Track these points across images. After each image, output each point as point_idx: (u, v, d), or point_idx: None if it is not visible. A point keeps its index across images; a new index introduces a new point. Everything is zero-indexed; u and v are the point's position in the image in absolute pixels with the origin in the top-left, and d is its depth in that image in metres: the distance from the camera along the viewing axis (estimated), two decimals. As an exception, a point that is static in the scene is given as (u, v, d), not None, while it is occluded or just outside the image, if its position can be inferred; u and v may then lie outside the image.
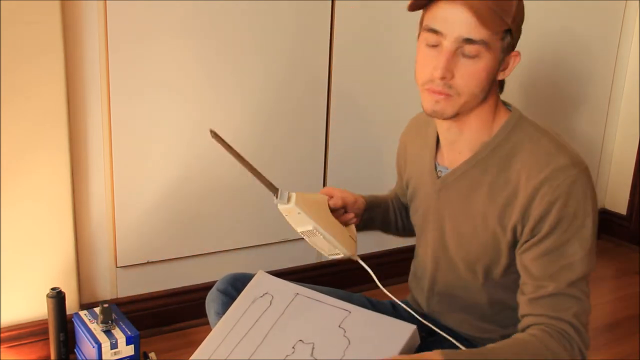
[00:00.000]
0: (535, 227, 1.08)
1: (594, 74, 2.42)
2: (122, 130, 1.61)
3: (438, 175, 1.22)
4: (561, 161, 1.09)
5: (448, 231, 1.22)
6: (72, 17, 1.50)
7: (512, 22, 1.08)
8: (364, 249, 2.06)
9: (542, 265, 1.08)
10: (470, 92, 1.10)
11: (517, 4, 1.09)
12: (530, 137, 1.13)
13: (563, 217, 1.06)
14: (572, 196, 1.07)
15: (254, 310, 1.22)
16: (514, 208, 1.10)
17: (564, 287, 1.08)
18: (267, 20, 1.72)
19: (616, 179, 2.58)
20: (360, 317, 1.17)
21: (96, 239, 1.65)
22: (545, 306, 1.08)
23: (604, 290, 2.20)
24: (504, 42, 1.08)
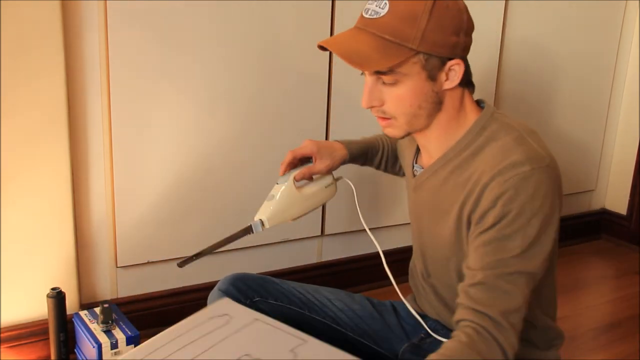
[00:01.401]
0: (480, 219, 1.09)
1: (594, 74, 2.42)
2: (122, 130, 1.61)
3: (414, 174, 1.26)
4: (515, 157, 1.08)
5: (424, 229, 1.26)
6: (72, 17, 1.50)
7: (420, 45, 1.06)
8: (364, 250, 2.07)
9: (479, 255, 1.08)
10: (406, 114, 1.13)
11: (425, 26, 1.06)
12: (495, 135, 1.13)
13: (507, 212, 1.05)
14: (520, 192, 1.05)
15: (207, 325, 1.20)
16: (469, 203, 1.11)
17: (495, 278, 1.06)
18: (268, 20, 1.72)
19: (616, 179, 2.58)
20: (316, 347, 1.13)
21: (96, 239, 1.65)
22: (474, 298, 1.06)
23: (604, 290, 2.20)
24: (424, 63, 1.08)
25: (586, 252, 2.47)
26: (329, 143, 1.37)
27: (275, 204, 1.27)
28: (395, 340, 1.35)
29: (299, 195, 1.30)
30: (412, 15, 1.05)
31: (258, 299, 1.34)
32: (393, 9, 1.06)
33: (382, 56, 1.06)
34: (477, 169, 1.11)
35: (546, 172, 1.08)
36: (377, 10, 1.08)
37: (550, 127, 2.36)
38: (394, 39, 1.06)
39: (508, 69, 2.18)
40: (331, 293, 1.41)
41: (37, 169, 1.51)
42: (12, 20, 1.40)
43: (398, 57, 1.06)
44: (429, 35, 1.06)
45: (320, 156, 1.33)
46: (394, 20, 1.06)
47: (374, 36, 1.07)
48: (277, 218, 1.28)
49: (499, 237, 1.06)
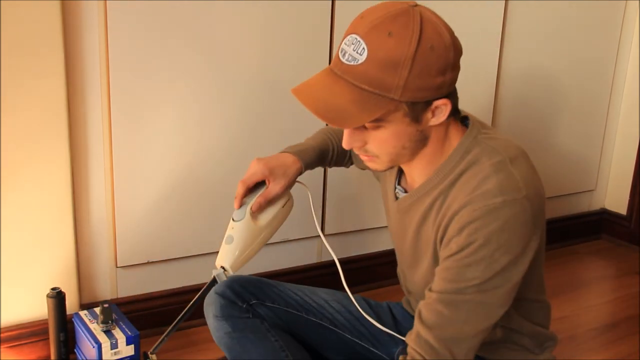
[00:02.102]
0: (446, 245, 1.05)
1: (594, 74, 2.42)
2: (122, 130, 1.61)
3: (396, 196, 1.20)
4: (488, 187, 1.02)
5: (407, 250, 1.22)
6: (72, 17, 1.50)
7: (402, 94, 0.98)
8: (360, 250, 2.07)
9: (439, 280, 1.05)
10: (389, 154, 1.07)
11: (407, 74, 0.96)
12: (476, 158, 1.07)
13: (471, 242, 1.01)
14: (487, 224, 1.00)
15: None
16: (442, 228, 1.08)
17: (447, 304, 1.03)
18: (268, 20, 1.72)
19: (616, 179, 2.58)
20: None
21: (96, 239, 1.65)
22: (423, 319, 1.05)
23: (604, 290, 2.20)
24: (407, 110, 1.00)
25: (586, 252, 2.47)
26: (280, 159, 1.27)
27: (235, 247, 1.20)
28: (391, 343, 1.35)
29: (258, 228, 1.22)
30: (393, 63, 0.96)
31: (255, 302, 1.34)
32: (372, 56, 0.97)
33: (361, 110, 0.98)
34: (454, 196, 1.07)
35: (520, 205, 1.01)
36: (355, 55, 0.99)
37: (550, 127, 2.36)
38: (374, 89, 0.97)
39: (508, 70, 2.18)
40: (328, 294, 1.41)
41: (37, 168, 1.51)
42: (12, 20, 1.40)
43: (379, 110, 0.98)
44: (412, 82, 0.97)
45: (273, 177, 1.25)
46: (373, 69, 0.97)
47: (351, 86, 0.99)
48: (240, 260, 1.21)
49: (459, 265, 1.02)
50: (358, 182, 1.98)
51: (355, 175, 1.97)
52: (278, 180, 1.25)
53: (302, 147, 1.33)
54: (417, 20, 0.98)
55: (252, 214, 1.22)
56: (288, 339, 1.32)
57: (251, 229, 1.21)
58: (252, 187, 1.25)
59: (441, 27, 1.00)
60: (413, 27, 0.97)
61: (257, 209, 1.23)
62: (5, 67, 1.42)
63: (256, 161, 1.26)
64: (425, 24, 0.98)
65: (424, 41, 0.97)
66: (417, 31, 0.97)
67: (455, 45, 1.02)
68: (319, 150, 1.34)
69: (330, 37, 1.82)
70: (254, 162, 1.26)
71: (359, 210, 2.02)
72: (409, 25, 0.97)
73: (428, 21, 0.99)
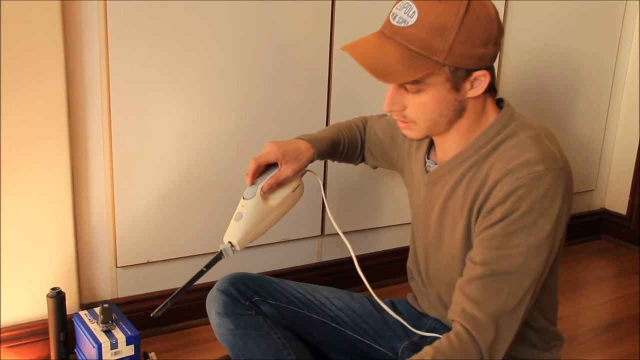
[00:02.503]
0: (487, 213, 1.08)
1: (594, 73, 2.42)
2: (122, 130, 1.61)
3: (427, 170, 1.24)
4: (529, 156, 1.07)
5: (432, 227, 1.24)
6: (72, 17, 1.50)
7: (447, 58, 1.04)
8: (361, 250, 2.07)
9: (482, 248, 1.07)
10: (427, 120, 1.11)
11: (453, 39, 1.03)
12: (513, 132, 1.12)
13: (516, 209, 1.04)
14: (531, 191, 1.04)
15: None
16: (481, 196, 1.10)
17: (493, 276, 1.05)
18: (268, 20, 1.72)
19: (616, 179, 2.58)
20: None
21: (96, 239, 1.65)
22: (468, 295, 1.06)
23: (604, 290, 2.20)
24: (449, 75, 1.06)
25: (586, 252, 2.47)
26: (295, 144, 1.31)
27: (244, 224, 1.22)
28: (394, 339, 1.35)
29: (267, 209, 1.25)
30: (441, 27, 1.02)
31: (257, 299, 1.35)
32: (422, 19, 1.03)
33: (407, 68, 1.04)
34: (492, 165, 1.10)
35: (559, 175, 1.06)
36: (405, 18, 1.04)
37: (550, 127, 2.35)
38: (421, 50, 1.03)
39: (508, 69, 2.18)
40: (330, 292, 1.41)
41: (37, 168, 1.51)
42: (12, 20, 1.40)
43: (423, 70, 1.04)
44: (456, 48, 1.03)
45: (286, 161, 1.28)
46: (422, 31, 1.03)
47: (399, 46, 1.05)
48: (248, 238, 1.23)
49: (503, 233, 1.05)
50: (358, 183, 1.98)
51: (356, 176, 1.97)
52: (290, 164, 1.27)
53: (316, 136, 1.37)
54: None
55: (263, 195, 1.24)
56: (290, 336, 1.33)
57: (260, 208, 1.23)
58: (263, 168, 1.28)
59: (488, 2, 1.06)
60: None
61: (268, 190, 1.25)
62: (6, 67, 1.42)
63: (271, 143, 1.29)
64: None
65: (471, 10, 1.02)
66: (465, 1, 1.02)
67: (499, 22, 1.08)
68: (331, 141, 1.38)
69: (330, 37, 1.82)
70: (269, 144, 1.29)
71: (359, 210, 2.02)
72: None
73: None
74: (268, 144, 1.29)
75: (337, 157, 1.44)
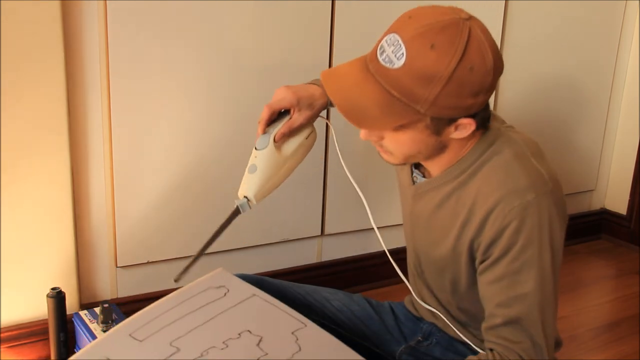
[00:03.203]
0: (487, 249, 1.05)
1: (593, 74, 2.42)
2: (122, 130, 1.61)
3: (413, 181, 1.20)
4: (518, 182, 1.02)
5: (419, 239, 1.22)
6: (72, 17, 1.50)
7: (429, 109, 0.96)
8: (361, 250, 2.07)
9: (494, 292, 1.05)
10: (404, 154, 1.07)
11: (439, 90, 0.95)
12: (498, 150, 1.07)
13: (513, 244, 1.01)
14: (525, 222, 1.01)
15: (204, 296, 1.15)
16: (471, 226, 1.07)
17: (515, 318, 1.03)
18: (267, 20, 1.72)
19: (616, 179, 2.58)
20: (316, 333, 1.11)
21: (96, 239, 1.65)
22: (499, 337, 1.05)
23: (604, 290, 2.20)
24: (429, 123, 1.00)
25: (586, 252, 2.47)
26: (309, 90, 1.21)
27: (259, 176, 1.15)
28: (392, 342, 1.35)
29: (281, 158, 1.17)
30: (428, 77, 0.94)
31: None
32: (409, 64, 0.95)
33: (384, 115, 0.97)
34: (479, 188, 1.06)
35: (550, 198, 1.03)
36: (392, 58, 0.96)
37: (551, 127, 2.36)
38: (402, 97, 0.96)
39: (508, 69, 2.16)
40: (330, 293, 1.41)
41: (37, 168, 1.51)
42: (12, 20, 1.40)
43: (401, 118, 0.98)
44: (441, 100, 0.96)
45: (299, 108, 1.18)
46: (407, 77, 0.95)
47: (380, 88, 0.97)
48: (264, 190, 1.16)
49: (510, 272, 1.03)
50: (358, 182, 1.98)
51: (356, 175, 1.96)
52: (303, 111, 1.18)
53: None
54: (464, 37, 0.95)
55: (276, 144, 1.17)
56: None
57: (275, 158, 1.16)
58: (276, 115, 1.20)
59: (487, 47, 0.97)
60: (458, 44, 0.94)
61: (280, 139, 1.17)
62: (5, 67, 1.42)
63: (284, 88, 1.19)
64: (471, 43, 0.95)
65: (465, 61, 0.94)
66: (460, 49, 0.94)
67: (496, 69, 1.00)
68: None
69: (330, 37, 1.82)
70: (282, 88, 1.19)
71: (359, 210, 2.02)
72: (454, 42, 0.94)
73: (475, 40, 0.96)
74: (281, 88, 1.19)
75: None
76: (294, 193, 1.87)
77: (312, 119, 1.22)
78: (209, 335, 1.07)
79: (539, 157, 1.08)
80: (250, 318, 1.12)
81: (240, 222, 1.82)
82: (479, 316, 1.16)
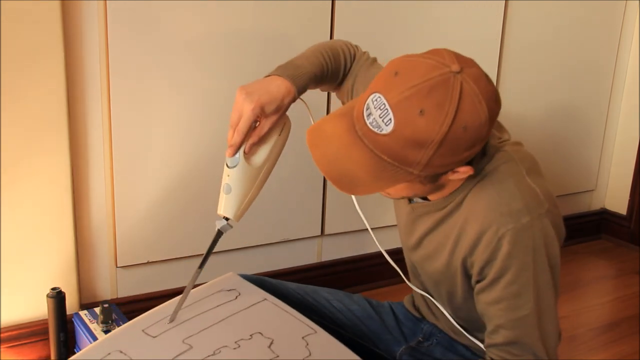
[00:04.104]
0: (481, 270, 1.04)
1: (593, 74, 2.42)
2: (122, 130, 1.61)
3: (409, 199, 1.17)
4: (512, 205, 1.00)
5: (415, 248, 1.21)
6: (72, 17, 1.50)
7: (423, 170, 0.92)
8: (361, 250, 2.07)
9: (494, 314, 1.05)
10: (403, 196, 1.08)
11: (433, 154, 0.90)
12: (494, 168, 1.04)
13: (508, 267, 1.00)
14: (518, 246, 0.99)
15: (215, 298, 1.17)
16: (463, 244, 1.06)
17: (515, 339, 1.04)
18: (267, 20, 1.72)
19: (616, 179, 2.58)
20: (326, 340, 1.12)
21: (96, 239, 1.65)
22: (499, 350, 1.06)
23: (604, 290, 2.20)
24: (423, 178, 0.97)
25: (586, 252, 2.47)
26: (272, 91, 1.10)
27: (235, 196, 1.11)
28: (393, 342, 1.35)
29: (255, 170, 1.12)
30: (419, 143, 0.89)
31: None
32: (398, 131, 0.89)
33: (376, 179, 0.94)
34: (472, 207, 1.04)
35: (546, 219, 1.01)
36: (379, 123, 0.91)
37: (550, 127, 2.36)
38: (393, 161, 0.92)
39: (508, 69, 2.17)
40: (330, 294, 1.41)
41: (37, 168, 1.51)
42: (12, 20, 1.40)
43: (394, 181, 0.95)
44: (435, 160, 0.91)
45: (265, 115, 1.09)
46: (396, 144, 0.90)
47: (369, 153, 0.92)
48: (243, 208, 1.13)
49: (508, 296, 1.02)
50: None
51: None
52: (270, 117, 1.10)
53: (298, 72, 1.16)
54: (455, 96, 0.89)
55: (247, 156, 1.11)
56: None
57: (248, 174, 1.11)
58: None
59: (481, 99, 0.91)
60: (449, 107, 0.89)
61: (251, 150, 1.11)
62: (5, 67, 1.42)
63: (243, 98, 1.08)
64: (463, 100, 0.89)
65: (457, 122, 0.89)
66: (452, 112, 0.89)
67: (491, 117, 0.94)
68: (313, 75, 1.18)
69: (330, 37, 1.82)
70: (241, 98, 1.08)
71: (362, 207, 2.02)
72: (444, 104, 0.88)
73: (467, 95, 0.90)
74: (239, 97, 1.09)
75: (318, 86, 1.25)
76: (294, 193, 1.87)
77: (282, 117, 1.13)
78: (221, 334, 1.08)
79: (535, 174, 1.06)
80: (261, 320, 1.13)
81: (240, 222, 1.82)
82: (476, 324, 1.16)
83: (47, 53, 1.46)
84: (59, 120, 1.51)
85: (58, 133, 1.51)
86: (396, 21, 1.91)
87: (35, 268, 1.56)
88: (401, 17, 1.91)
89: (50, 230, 1.56)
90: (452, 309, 1.21)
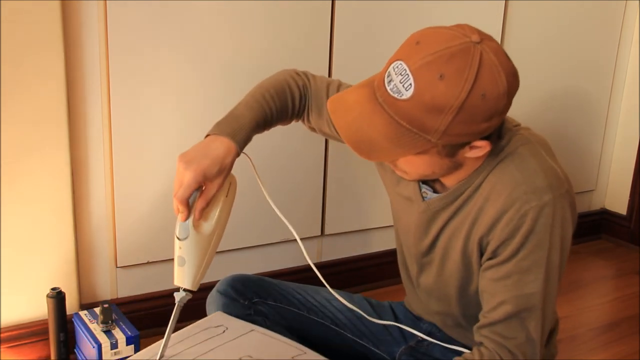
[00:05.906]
0: (497, 248, 1.04)
1: (593, 74, 2.42)
2: (122, 130, 1.61)
3: (423, 196, 1.16)
4: (537, 182, 1.01)
5: (426, 246, 1.20)
6: (72, 17, 1.50)
7: (441, 138, 0.94)
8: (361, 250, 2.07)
9: (499, 289, 1.04)
10: (420, 174, 1.07)
11: (451, 120, 0.92)
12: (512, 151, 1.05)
13: (525, 244, 1.01)
14: (539, 224, 1.00)
15: (204, 334, 1.20)
16: (481, 223, 1.06)
17: (515, 314, 1.03)
18: (267, 20, 1.72)
19: (616, 179, 2.58)
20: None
21: (96, 239, 1.65)
22: (494, 332, 1.05)
23: (604, 290, 2.20)
24: (441, 149, 0.98)
25: (586, 252, 2.47)
26: (212, 154, 1.10)
27: (189, 267, 1.12)
28: (392, 342, 1.35)
29: (207, 237, 1.12)
30: (438, 107, 0.91)
31: (257, 300, 1.34)
32: (417, 96, 0.91)
33: (394, 146, 0.95)
34: (493, 186, 1.04)
35: (565, 199, 1.02)
36: (400, 89, 0.93)
37: (550, 127, 2.36)
38: (412, 127, 0.93)
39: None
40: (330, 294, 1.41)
41: (38, 168, 1.51)
42: (12, 20, 1.40)
43: (412, 148, 0.96)
44: (453, 128, 0.93)
45: (209, 180, 1.09)
46: (416, 109, 0.92)
47: (389, 119, 0.94)
48: (199, 276, 1.13)
49: (517, 271, 1.02)
50: (359, 182, 1.98)
51: (356, 175, 1.97)
52: (214, 181, 1.09)
53: (237, 124, 1.16)
54: (475, 63, 0.91)
55: (197, 223, 1.11)
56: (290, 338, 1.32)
57: (200, 243, 1.11)
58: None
59: (500, 71, 0.93)
60: (468, 73, 0.91)
61: (201, 215, 1.10)
62: (6, 67, 1.42)
63: (184, 167, 1.07)
64: (482, 69, 0.91)
65: (476, 89, 0.91)
66: (471, 78, 0.91)
67: (510, 90, 0.95)
68: (255, 124, 1.18)
69: (330, 37, 1.82)
70: (181, 167, 1.08)
71: (359, 210, 2.02)
72: (464, 70, 0.91)
73: (487, 64, 0.92)
74: (180, 165, 1.08)
75: (263, 131, 1.25)
76: (294, 193, 1.87)
77: (226, 177, 1.12)
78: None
79: (552, 156, 1.08)
80: (250, 347, 1.16)
81: (240, 222, 1.83)
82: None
83: (47, 53, 1.46)
84: (59, 120, 1.51)
85: (58, 133, 1.51)
86: (396, 21, 1.91)
87: (35, 268, 1.56)
88: (401, 17, 1.90)
89: (50, 230, 1.56)
90: (462, 305, 1.20)
